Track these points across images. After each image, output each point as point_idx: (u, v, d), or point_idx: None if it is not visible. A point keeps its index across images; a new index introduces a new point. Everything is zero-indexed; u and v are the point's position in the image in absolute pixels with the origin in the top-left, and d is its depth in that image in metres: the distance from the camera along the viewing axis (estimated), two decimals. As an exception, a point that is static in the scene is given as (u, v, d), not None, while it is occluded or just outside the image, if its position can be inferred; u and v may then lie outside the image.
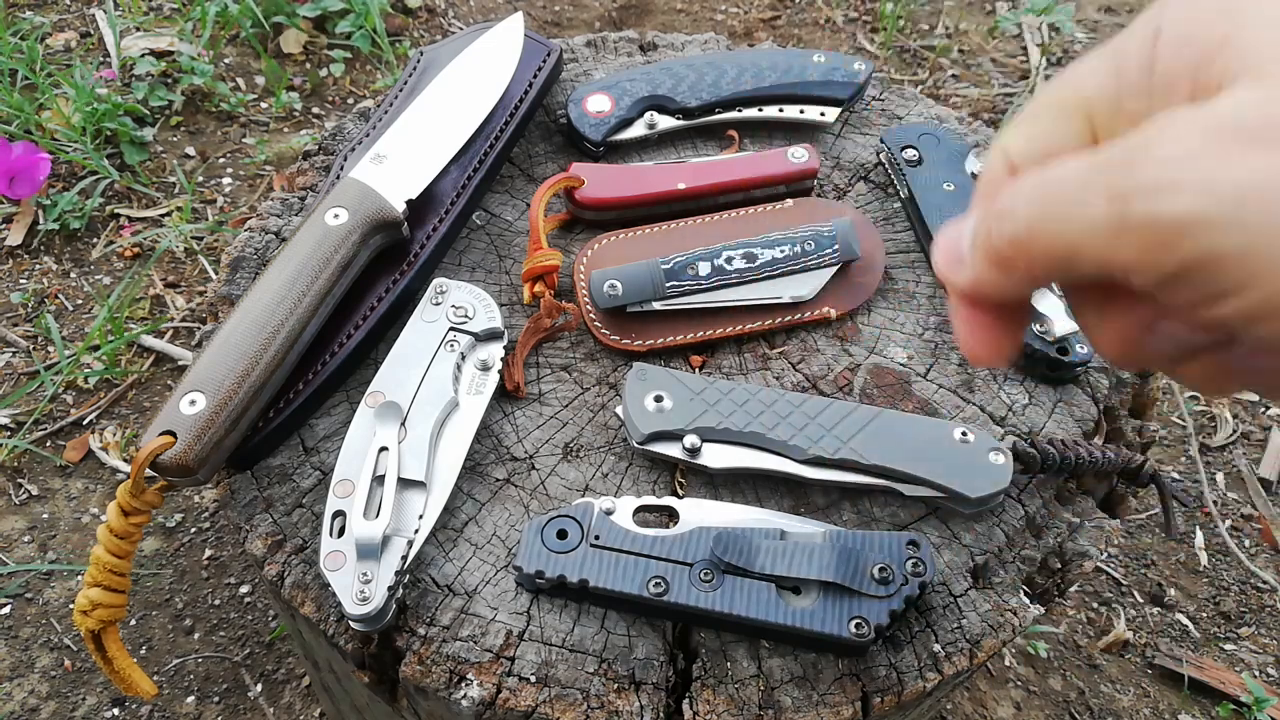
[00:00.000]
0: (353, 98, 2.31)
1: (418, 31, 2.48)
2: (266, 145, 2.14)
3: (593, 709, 0.68)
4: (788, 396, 0.81)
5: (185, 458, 0.72)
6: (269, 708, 1.40)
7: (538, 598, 0.74)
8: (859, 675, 0.71)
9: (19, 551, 1.51)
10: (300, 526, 0.77)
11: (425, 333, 0.83)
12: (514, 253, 0.97)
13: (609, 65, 1.15)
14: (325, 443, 0.82)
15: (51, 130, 2.03)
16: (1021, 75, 2.56)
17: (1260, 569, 1.66)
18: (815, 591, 0.70)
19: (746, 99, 1.06)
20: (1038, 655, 1.54)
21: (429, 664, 0.70)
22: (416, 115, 0.96)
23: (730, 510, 0.76)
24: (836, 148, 1.08)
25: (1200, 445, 1.84)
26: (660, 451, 0.79)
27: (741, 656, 0.72)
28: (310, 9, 2.36)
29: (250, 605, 1.51)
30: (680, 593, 0.70)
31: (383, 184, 0.87)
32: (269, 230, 0.97)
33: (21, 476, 1.60)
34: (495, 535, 0.77)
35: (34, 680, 1.39)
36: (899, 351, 0.90)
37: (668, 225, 0.96)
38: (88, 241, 1.93)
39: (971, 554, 0.78)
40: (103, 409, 1.69)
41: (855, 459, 0.77)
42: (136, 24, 2.31)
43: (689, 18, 2.69)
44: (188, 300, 1.86)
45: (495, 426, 0.84)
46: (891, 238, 1.00)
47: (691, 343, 0.89)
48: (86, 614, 0.72)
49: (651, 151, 1.06)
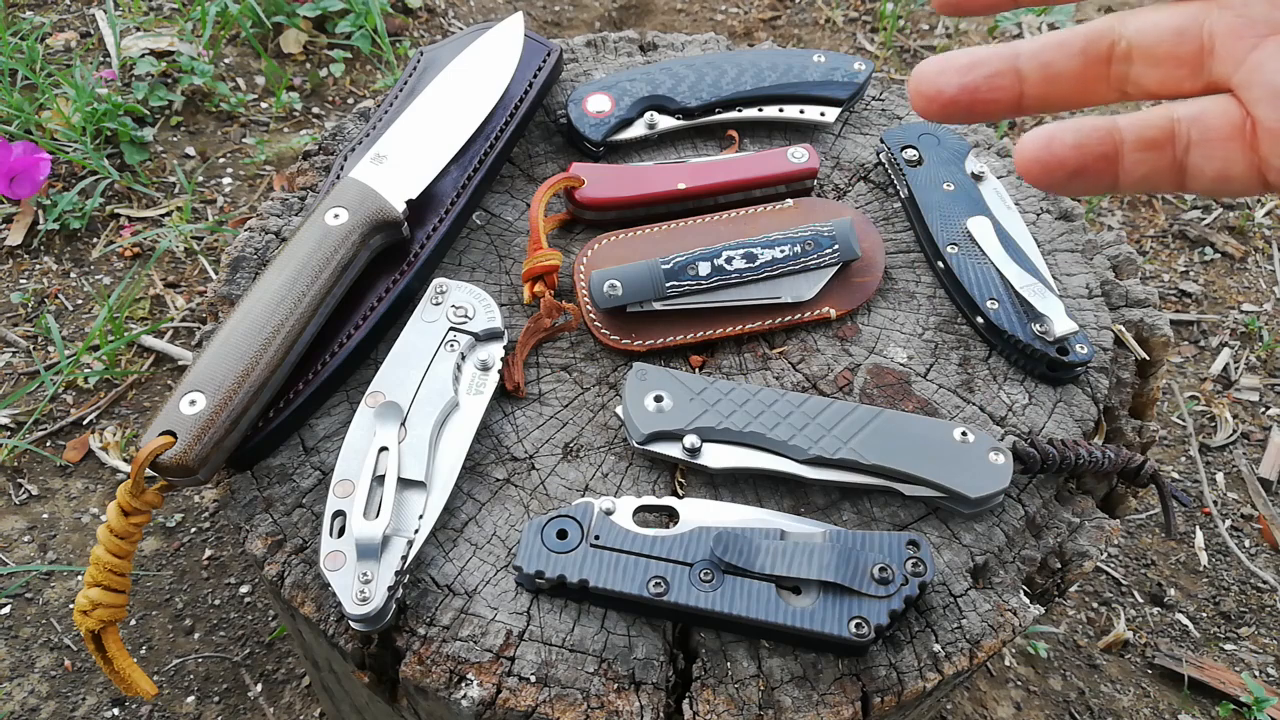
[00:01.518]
0: (353, 98, 2.31)
1: (418, 31, 2.48)
2: (266, 145, 2.14)
3: (593, 709, 0.68)
4: (788, 396, 0.81)
5: (185, 458, 0.72)
6: (269, 708, 1.40)
7: (538, 598, 0.74)
8: (859, 675, 0.71)
9: (19, 551, 1.51)
10: (300, 526, 0.78)
11: (425, 333, 0.83)
12: (514, 253, 0.97)
13: (609, 65, 1.15)
14: (325, 443, 0.82)
15: (51, 130, 2.03)
16: (1021, 75, 2.56)
17: (1260, 569, 1.66)
18: (815, 591, 0.70)
19: (746, 99, 1.06)
20: (1038, 655, 1.54)
21: (429, 664, 0.70)
22: (416, 115, 0.96)
23: (730, 510, 0.76)
24: (836, 148, 1.08)
25: (1200, 445, 1.84)
26: (660, 451, 0.79)
27: (741, 656, 0.72)
28: (310, 9, 2.36)
29: (250, 605, 1.51)
30: (680, 593, 0.70)
31: (383, 184, 0.87)
32: (269, 230, 0.97)
33: (21, 476, 1.60)
34: (495, 535, 0.77)
35: (34, 680, 1.39)
36: (899, 351, 0.90)
37: (668, 225, 0.96)
38: (88, 241, 1.93)
39: (971, 554, 0.78)
40: (103, 409, 1.69)
41: (855, 459, 0.77)
42: (136, 24, 2.31)
43: (689, 18, 2.69)
44: (188, 300, 1.86)
45: (495, 426, 0.84)
46: (891, 238, 1.00)
47: (691, 343, 0.89)
48: (87, 614, 0.72)
49: (651, 151, 1.06)
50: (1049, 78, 0.42)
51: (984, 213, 0.96)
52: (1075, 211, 1.03)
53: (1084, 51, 0.42)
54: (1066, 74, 0.42)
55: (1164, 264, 2.18)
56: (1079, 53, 0.42)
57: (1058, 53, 0.42)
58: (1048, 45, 0.42)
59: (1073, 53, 0.42)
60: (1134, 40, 0.41)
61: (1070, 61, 0.42)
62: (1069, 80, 0.42)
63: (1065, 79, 0.42)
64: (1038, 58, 0.42)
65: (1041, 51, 0.42)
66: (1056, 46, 0.42)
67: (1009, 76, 0.42)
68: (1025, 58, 0.42)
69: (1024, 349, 0.87)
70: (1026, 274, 0.91)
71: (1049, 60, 0.42)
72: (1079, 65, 0.42)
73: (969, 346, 0.91)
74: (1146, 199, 2.29)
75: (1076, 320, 0.90)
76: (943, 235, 0.94)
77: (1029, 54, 0.42)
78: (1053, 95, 0.42)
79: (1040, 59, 0.42)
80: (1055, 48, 0.42)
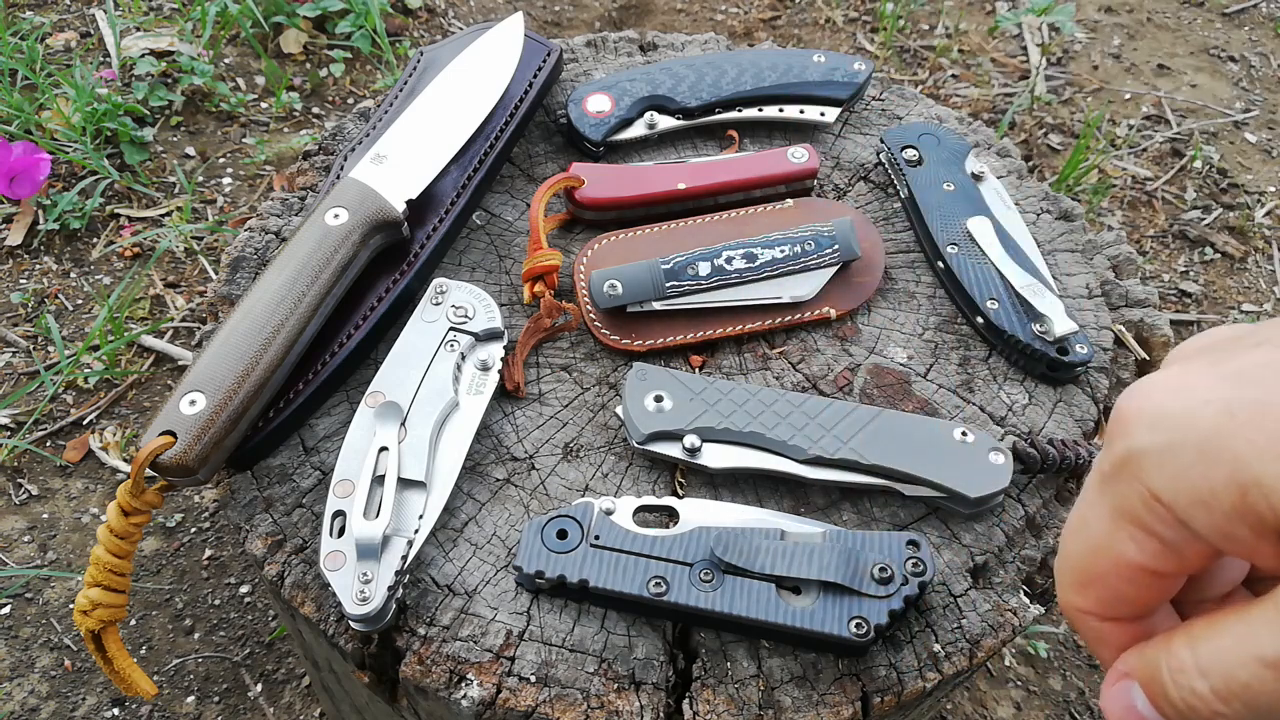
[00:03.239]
0: (353, 98, 2.31)
1: (418, 31, 2.48)
2: (266, 145, 2.14)
3: (593, 709, 0.68)
4: (788, 396, 0.81)
5: (185, 458, 0.71)
6: (269, 708, 1.40)
7: (538, 598, 0.74)
8: (859, 675, 0.71)
9: (19, 551, 1.51)
10: (300, 526, 0.77)
11: (425, 333, 0.83)
12: (514, 253, 0.97)
13: (609, 65, 1.15)
14: (325, 443, 0.82)
15: (51, 130, 2.03)
16: (1021, 75, 2.56)
17: (1260, 569, 1.66)
18: (815, 591, 0.70)
19: (746, 99, 1.06)
20: (1038, 655, 1.54)
21: (429, 664, 0.70)
22: (416, 115, 0.96)
23: (730, 510, 0.76)
24: (836, 148, 1.08)
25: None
26: (660, 451, 0.79)
27: (741, 656, 0.72)
28: (310, 9, 2.36)
29: (250, 605, 1.51)
30: (680, 593, 0.70)
31: (383, 184, 0.87)
32: (269, 230, 0.97)
33: (21, 476, 1.60)
34: (495, 535, 0.77)
35: (34, 680, 1.39)
36: (899, 351, 0.90)
37: (668, 225, 0.96)
38: (88, 241, 1.93)
39: (971, 554, 0.78)
40: (103, 409, 1.69)
41: (855, 459, 0.77)
42: (136, 24, 2.31)
43: (689, 18, 2.69)
44: (188, 300, 1.86)
45: (495, 426, 0.84)
46: (891, 238, 1.00)
47: (691, 343, 0.89)
48: (87, 614, 0.72)
49: (651, 151, 1.06)
50: None
51: (984, 213, 0.96)
52: (1075, 212, 1.03)
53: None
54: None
55: (1164, 264, 2.18)
56: None
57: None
58: None
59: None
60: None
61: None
62: None
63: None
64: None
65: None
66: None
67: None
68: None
69: (1024, 349, 0.87)
70: (1026, 274, 0.91)
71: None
72: None
73: (969, 346, 0.91)
74: (1146, 199, 2.29)
75: (1076, 320, 0.90)
76: (943, 235, 0.94)
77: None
78: None
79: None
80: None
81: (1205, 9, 2.83)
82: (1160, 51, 2.68)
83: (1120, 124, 2.46)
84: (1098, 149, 2.35)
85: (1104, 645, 0.42)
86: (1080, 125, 2.42)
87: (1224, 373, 0.36)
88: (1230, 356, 0.36)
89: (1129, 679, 0.40)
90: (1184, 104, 2.52)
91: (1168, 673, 0.37)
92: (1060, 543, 0.42)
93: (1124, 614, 0.41)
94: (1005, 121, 2.34)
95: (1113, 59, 2.65)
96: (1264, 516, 0.33)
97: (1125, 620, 0.41)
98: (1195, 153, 2.36)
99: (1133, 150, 2.39)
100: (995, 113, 2.44)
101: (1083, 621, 0.42)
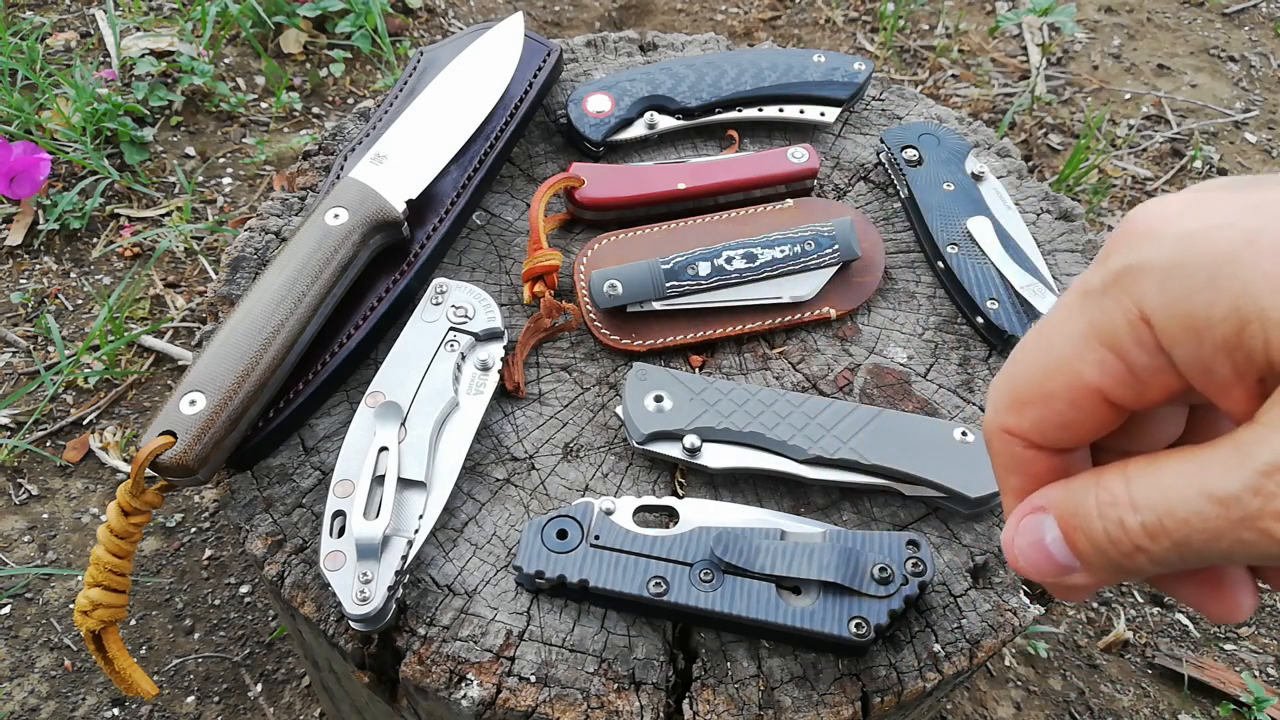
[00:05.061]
0: (353, 98, 2.31)
1: (418, 31, 2.48)
2: (266, 145, 2.14)
3: (593, 709, 0.68)
4: (788, 396, 0.81)
5: (185, 458, 0.72)
6: (269, 708, 1.40)
7: (538, 598, 0.74)
8: (859, 675, 0.71)
9: (19, 551, 1.51)
10: (300, 526, 0.77)
11: (425, 333, 0.83)
12: (514, 253, 0.97)
13: (609, 65, 1.15)
14: (325, 443, 0.82)
15: (51, 130, 2.03)
16: (1021, 75, 2.56)
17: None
18: (815, 591, 0.70)
19: (746, 99, 1.06)
20: (1038, 655, 1.54)
21: (429, 664, 0.70)
22: (416, 115, 0.96)
23: (730, 510, 0.76)
24: (836, 148, 1.08)
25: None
26: (660, 451, 0.79)
27: (741, 656, 0.72)
28: (310, 9, 2.36)
29: (250, 605, 1.51)
30: (680, 593, 0.70)
31: (383, 184, 0.87)
32: (269, 230, 0.97)
33: (21, 476, 1.60)
34: (495, 535, 0.77)
35: (34, 680, 1.39)
36: (899, 351, 0.90)
37: (668, 225, 0.96)
38: (88, 241, 1.93)
39: (971, 554, 0.78)
40: (103, 409, 1.69)
41: (855, 459, 0.77)
42: (136, 24, 2.31)
43: (689, 18, 2.69)
44: (188, 300, 1.86)
45: (495, 426, 0.84)
46: (891, 238, 1.00)
47: (691, 343, 0.89)
48: (87, 614, 0.72)
49: (651, 151, 1.06)
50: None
51: (984, 213, 0.96)
52: (1075, 212, 1.03)
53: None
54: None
55: (1164, 264, 2.17)
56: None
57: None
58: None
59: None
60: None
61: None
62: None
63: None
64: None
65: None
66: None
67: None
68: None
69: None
70: (1026, 274, 0.91)
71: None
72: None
73: (969, 346, 0.91)
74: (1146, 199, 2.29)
75: (1076, 320, 0.90)
76: (943, 235, 0.94)
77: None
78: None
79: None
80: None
81: (1205, 9, 2.83)
82: (1160, 51, 2.68)
83: (1120, 124, 2.46)
84: (1098, 149, 2.35)
85: (1018, 474, 0.40)
86: (1080, 125, 2.42)
87: (1249, 201, 0.33)
88: (1257, 190, 0.34)
89: (1042, 513, 0.38)
90: (1184, 104, 2.52)
91: (1095, 505, 0.36)
92: (1009, 359, 0.40)
93: (1053, 442, 0.39)
94: (1005, 121, 2.34)
95: (1113, 59, 2.65)
96: (1253, 355, 0.32)
97: (1049, 451, 0.39)
98: (1195, 153, 2.36)
99: (1133, 150, 2.39)
100: (995, 113, 2.44)
101: (1006, 444, 0.40)
